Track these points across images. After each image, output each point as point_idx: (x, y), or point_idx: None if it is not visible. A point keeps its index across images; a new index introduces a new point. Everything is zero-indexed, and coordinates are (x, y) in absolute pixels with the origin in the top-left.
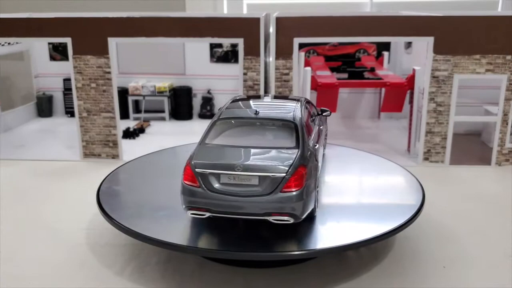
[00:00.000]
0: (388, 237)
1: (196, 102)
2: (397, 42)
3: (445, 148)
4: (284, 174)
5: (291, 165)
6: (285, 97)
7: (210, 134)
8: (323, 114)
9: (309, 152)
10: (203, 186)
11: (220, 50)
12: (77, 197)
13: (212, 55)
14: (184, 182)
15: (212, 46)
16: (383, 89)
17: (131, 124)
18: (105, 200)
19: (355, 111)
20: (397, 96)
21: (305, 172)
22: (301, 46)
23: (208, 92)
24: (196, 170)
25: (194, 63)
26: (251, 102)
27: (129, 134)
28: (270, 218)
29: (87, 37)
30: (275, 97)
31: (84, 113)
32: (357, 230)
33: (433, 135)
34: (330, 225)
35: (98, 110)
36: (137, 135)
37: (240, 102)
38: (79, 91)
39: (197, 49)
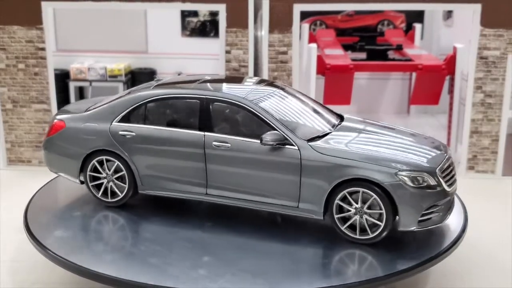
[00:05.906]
0: (416, 273)
1: None
2: (433, 10)
3: (496, 153)
4: (54, 117)
5: (62, 112)
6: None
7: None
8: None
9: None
10: None
11: (195, 20)
12: None
13: (184, 26)
14: None
15: (185, 15)
16: (414, 74)
17: None
18: (36, 222)
19: (377, 103)
20: (432, 83)
21: (62, 129)
22: (305, 15)
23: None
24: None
25: (159, 37)
26: (207, 84)
27: None
28: None
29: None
30: (261, 81)
31: (9, 104)
32: (377, 263)
33: (480, 136)
34: (341, 255)
35: (28, 100)
36: None
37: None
38: (2, 74)
39: (163, 18)
